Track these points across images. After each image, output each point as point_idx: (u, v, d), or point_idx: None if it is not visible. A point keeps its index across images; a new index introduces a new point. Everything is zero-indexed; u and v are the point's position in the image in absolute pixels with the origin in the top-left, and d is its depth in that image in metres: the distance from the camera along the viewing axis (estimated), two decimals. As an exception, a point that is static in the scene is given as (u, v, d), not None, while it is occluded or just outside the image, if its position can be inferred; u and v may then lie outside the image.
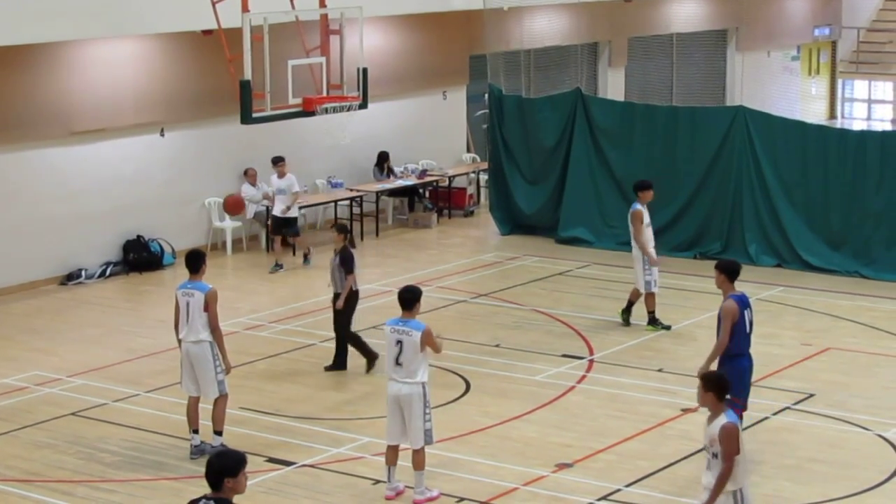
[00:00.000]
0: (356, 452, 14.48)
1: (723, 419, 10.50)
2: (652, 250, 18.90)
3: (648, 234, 18.98)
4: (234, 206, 24.31)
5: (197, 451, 14.36)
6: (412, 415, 12.92)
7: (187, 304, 14.31)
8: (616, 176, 24.54)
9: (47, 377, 17.32)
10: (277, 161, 23.48)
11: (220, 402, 14.37)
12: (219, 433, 14.36)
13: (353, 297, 17.26)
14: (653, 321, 19.06)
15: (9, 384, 17.07)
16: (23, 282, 21.87)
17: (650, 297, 19.02)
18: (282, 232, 23.46)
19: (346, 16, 19.48)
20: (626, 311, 19.24)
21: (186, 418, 14.51)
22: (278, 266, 23.15)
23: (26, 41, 20.48)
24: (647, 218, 18.94)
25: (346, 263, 17.09)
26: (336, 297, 17.25)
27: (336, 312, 17.34)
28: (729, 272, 13.98)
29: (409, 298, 13.12)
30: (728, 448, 10.39)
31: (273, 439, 14.64)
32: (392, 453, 13.20)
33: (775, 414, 15.57)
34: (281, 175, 23.35)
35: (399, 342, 12.90)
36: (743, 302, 13.87)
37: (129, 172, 23.24)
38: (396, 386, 12.95)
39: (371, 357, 17.20)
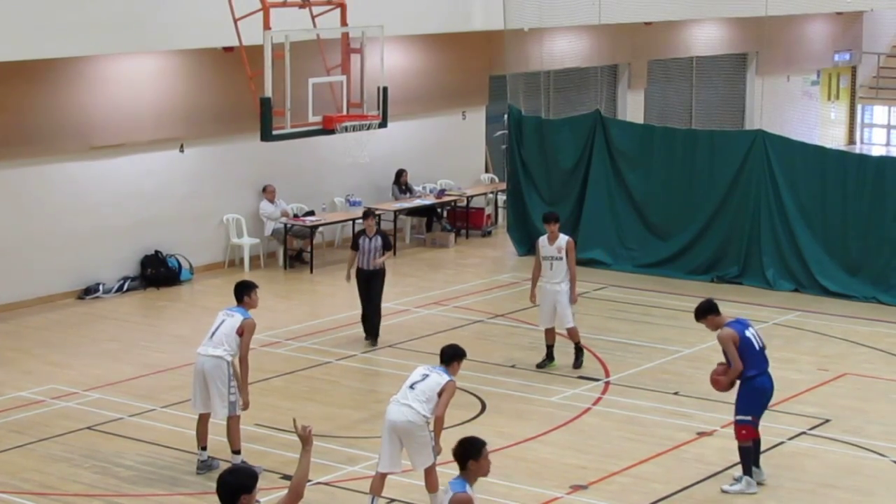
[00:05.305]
0: (371, 471, 14.44)
1: (450, 492, 9.54)
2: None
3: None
4: None
5: (204, 467, 14.37)
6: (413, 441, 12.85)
7: (221, 322, 14.33)
8: (634, 198, 24.54)
9: (63, 391, 17.35)
10: None
11: (233, 421, 14.32)
12: (237, 452, 14.33)
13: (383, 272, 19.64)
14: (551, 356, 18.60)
15: (25, 397, 17.12)
16: (40, 295, 21.90)
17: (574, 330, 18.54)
18: None
19: (367, 35, 19.52)
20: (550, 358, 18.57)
21: (196, 434, 14.55)
22: None
23: (47, 56, 20.57)
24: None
25: (387, 244, 19.55)
26: (366, 272, 19.29)
27: (373, 285, 19.37)
28: (711, 311, 13.94)
29: (447, 353, 13.11)
30: None
31: (288, 456, 14.61)
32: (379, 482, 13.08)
33: (791, 439, 15.52)
34: None
35: (425, 375, 12.91)
36: (740, 324, 13.91)
37: (147, 188, 23.31)
38: (397, 409, 12.87)
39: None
